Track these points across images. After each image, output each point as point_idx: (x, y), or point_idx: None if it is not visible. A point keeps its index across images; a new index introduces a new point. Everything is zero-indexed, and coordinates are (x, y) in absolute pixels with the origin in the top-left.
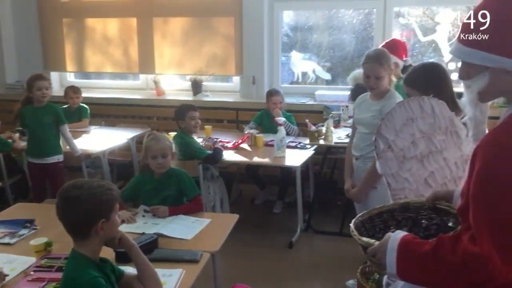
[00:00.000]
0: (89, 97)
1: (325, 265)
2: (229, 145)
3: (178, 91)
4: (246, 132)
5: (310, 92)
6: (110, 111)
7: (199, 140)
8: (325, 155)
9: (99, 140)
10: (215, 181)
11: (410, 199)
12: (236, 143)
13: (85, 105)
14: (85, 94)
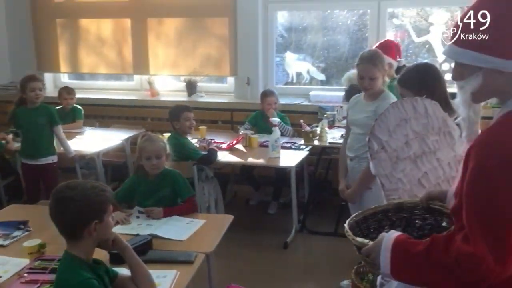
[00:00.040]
0: (83, 98)
1: (320, 265)
2: (223, 146)
3: (172, 92)
4: (240, 133)
5: (304, 92)
6: (104, 112)
7: (194, 141)
8: (319, 156)
9: (93, 141)
10: (210, 182)
11: (404, 199)
12: (231, 144)
13: (79, 106)
14: (79, 95)
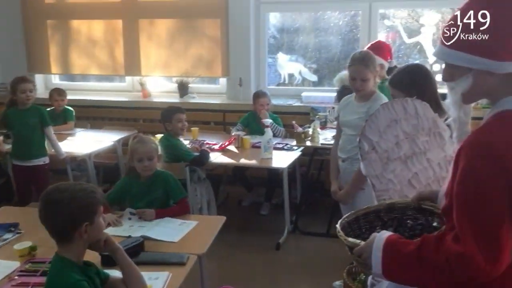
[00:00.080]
0: (74, 99)
1: (312, 266)
2: (216, 147)
3: (164, 93)
4: (233, 134)
5: (296, 93)
6: (95, 114)
7: (186, 142)
8: (311, 157)
9: (84, 143)
10: (202, 183)
11: (396, 199)
12: (223, 145)
13: (70, 108)
14: (70, 96)
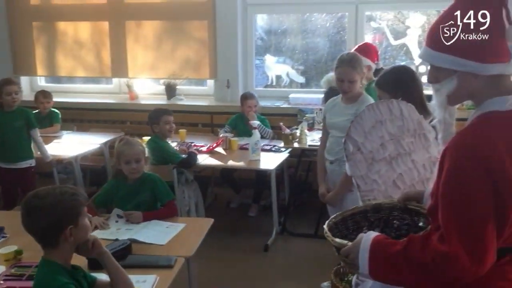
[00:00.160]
0: (60, 101)
1: (300, 267)
2: (203, 149)
3: (152, 95)
4: (220, 136)
5: (284, 95)
6: (82, 116)
7: (174, 144)
8: (299, 158)
9: (71, 145)
10: (190, 185)
11: (382, 200)
12: (211, 147)
13: (56, 110)
14: (56, 98)
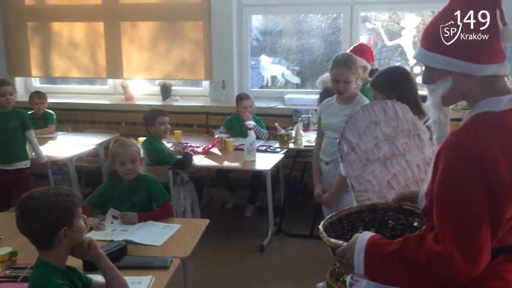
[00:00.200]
0: (55, 102)
1: (296, 268)
2: (199, 149)
3: (147, 95)
4: (216, 137)
5: (279, 96)
6: (77, 117)
7: (169, 145)
8: (295, 159)
9: (66, 146)
10: (185, 186)
11: (377, 200)
12: (206, 148)
13: (50, 111)
14: (51, 99)
